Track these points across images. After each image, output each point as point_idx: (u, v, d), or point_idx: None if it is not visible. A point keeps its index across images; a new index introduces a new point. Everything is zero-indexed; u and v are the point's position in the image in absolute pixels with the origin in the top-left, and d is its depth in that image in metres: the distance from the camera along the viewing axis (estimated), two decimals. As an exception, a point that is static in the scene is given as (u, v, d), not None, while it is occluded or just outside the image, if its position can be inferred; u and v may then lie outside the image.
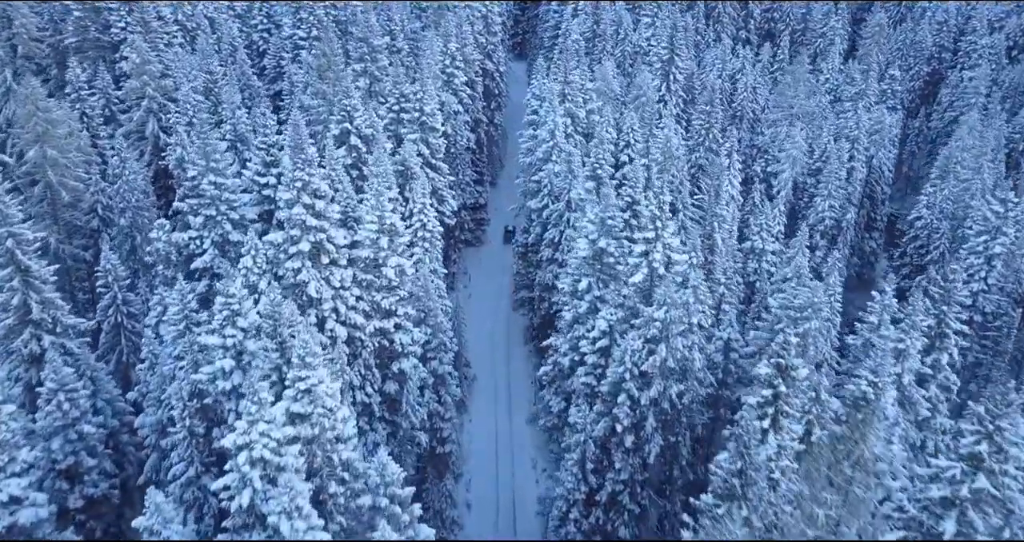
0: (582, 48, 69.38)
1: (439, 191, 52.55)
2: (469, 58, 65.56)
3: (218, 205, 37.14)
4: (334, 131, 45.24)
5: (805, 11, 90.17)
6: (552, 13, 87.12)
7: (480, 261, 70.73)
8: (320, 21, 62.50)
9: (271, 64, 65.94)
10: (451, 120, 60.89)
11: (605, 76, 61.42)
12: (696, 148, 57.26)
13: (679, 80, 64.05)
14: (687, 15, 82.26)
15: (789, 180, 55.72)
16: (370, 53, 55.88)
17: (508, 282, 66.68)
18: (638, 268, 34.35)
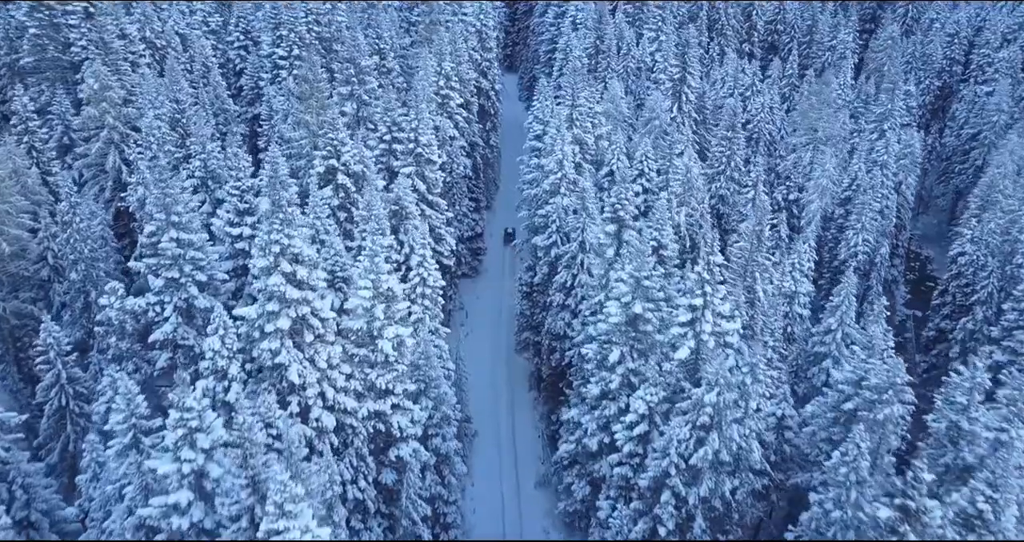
0: (584, 65, 63.42)
1: (436, 229, 46.38)
2: (464, 77, 59.42)
3: (181, 265, 30.77)
4: (319, 168, 38.96)
5: (811, 23, 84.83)
6: (548, 26, 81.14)
7: (477, 293, 64.62)
8: (302, 38, 56.09)
9: (248, 85, 59.45)
10: (447, 146, 54.74)
11: (614, 98, 55.50)
12: (716, 177, 51.49)
13: (691, 100, 58.29)
14: (690, 27, 76.66)
15: (818, 211, 50.11)
16: (357, 75, 49.67)
17: (508, 317, 60.68)
18: (683, 340, 28.42)
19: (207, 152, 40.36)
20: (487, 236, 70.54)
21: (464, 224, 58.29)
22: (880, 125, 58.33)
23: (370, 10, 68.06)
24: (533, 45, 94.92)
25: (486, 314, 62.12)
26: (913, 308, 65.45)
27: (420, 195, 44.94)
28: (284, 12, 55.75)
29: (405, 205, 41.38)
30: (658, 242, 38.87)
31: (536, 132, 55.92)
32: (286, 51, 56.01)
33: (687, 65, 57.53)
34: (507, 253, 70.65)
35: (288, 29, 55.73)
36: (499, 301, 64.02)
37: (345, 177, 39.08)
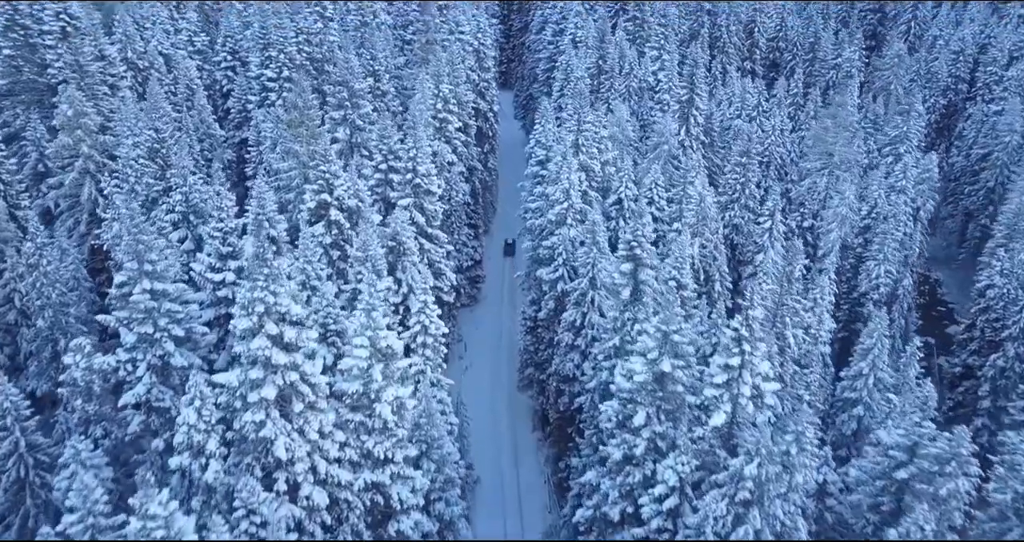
0: (587, 86, 60.37)
1: (436, 264, 43.03)
2: (462, 99, 56.25)
3: (156, 319, 27.26)
4: (310, 203, 35.56)
5: (813, 41, 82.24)
6: (546, 43, 78.16)
7: (476, 323, 61.23)
8: (292, 60, 52.79)
9: (236, 107, 56.05)
10: (445, 172, 51.49)
11: (620, 121, 52.42)
12: (730, 205, 48.40)
13: (699, 123, 55.28)
14: (695, 46, 73.87)
15: (837, 241, 47.06)
16: (351, 98, 46.39)
17: (509, 348, 57.39)
18: (718, 403, 25.14)
19: (188, 185, 36.92)
20: (486, 260, 67.32)
21: (463, 253, 54.97)
22: (896, 148, 55.48)
23: (363, 29, 64.99)
24: (530, 63, 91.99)
25: (486, 345, 58.77)
26: (925, 334, 62.54)
27: (419, 228, 41.61)
28: (273, 32, 52.47)
29: (403, 240, 38.05)
30: (677, 282, 35.68)
31: (539, 158, 52.75)
32: (275, 72, 52.68)
33: (695, 86, 54.55)
34: (507, 275, 67.65)
35: (278, 50, 52.42)
36: (499, 329, 60.77)
37: (338, 212, 35.70)
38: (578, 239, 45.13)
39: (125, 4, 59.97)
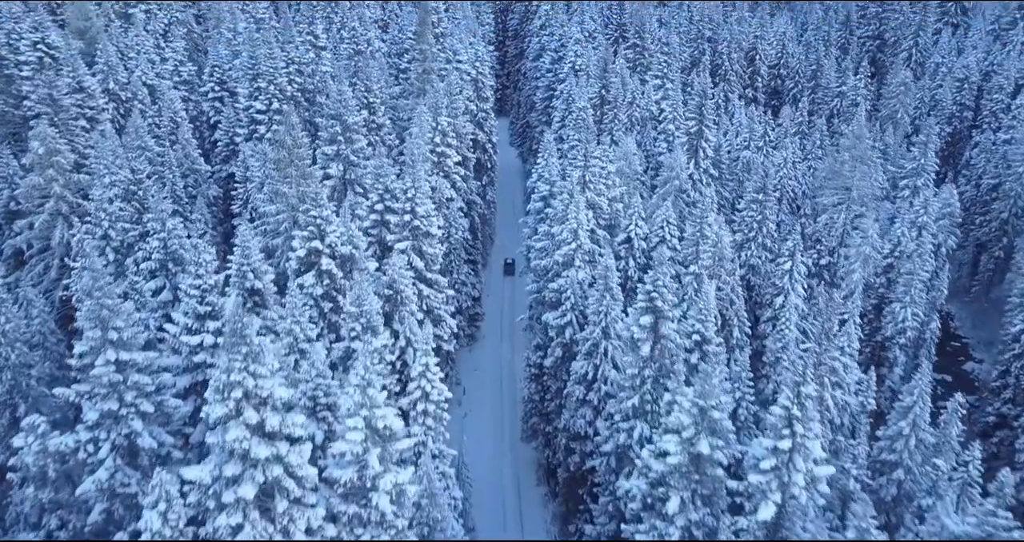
0: (589, 116, 57.37)
1: (435, 311, 39.52)
2: (461, 131, 53.12)
3: (122, 392, 23.62)
4: (299, 251, 32.04)
5: (815, 68, 79.85)
6: (544, 71, 75.31)
7: (476, 363, 57.68)
8: (282, 91, 49.54)
9: (223, 140, 52.63)
10: (444, 209, 48.19)
11: (627, 155, 49.35)
12: (746, 245, 45.21)
13: (709, 156, 52.27)
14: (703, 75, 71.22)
15: (860, 282, 43.91)
16: (344, 133, 43.17)
17: (511, 391, 53.92)
18: (764, 493, 21.64)
19: (167, 230, 33.38)
20: (484, 295, 63.90)
21: (462, 293, 51.49)
22: (912, 181, 52.59)
23: (357, 57, 61.98)
24: (526, 90, 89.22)
25: (486, 387, 55.17)
26: (941, 371, 59.31)
27: (417, 273, 38.16)
28: (263, 62, 49.27)
29: (400, 288, 34.61)
30: (702, 336, 32.30)
31: (541, 193, 49.56)
32: (264, 104, 49.41)
33: (703, 117, 51.58)
34: (506, 305, 64.63)
35: (267, 81, 49.19)
36: (499, 370, 57.23)
37: (330, 261, 32.19)
38: (587, 281, 41.86)
39: (109, 33, 56.73)
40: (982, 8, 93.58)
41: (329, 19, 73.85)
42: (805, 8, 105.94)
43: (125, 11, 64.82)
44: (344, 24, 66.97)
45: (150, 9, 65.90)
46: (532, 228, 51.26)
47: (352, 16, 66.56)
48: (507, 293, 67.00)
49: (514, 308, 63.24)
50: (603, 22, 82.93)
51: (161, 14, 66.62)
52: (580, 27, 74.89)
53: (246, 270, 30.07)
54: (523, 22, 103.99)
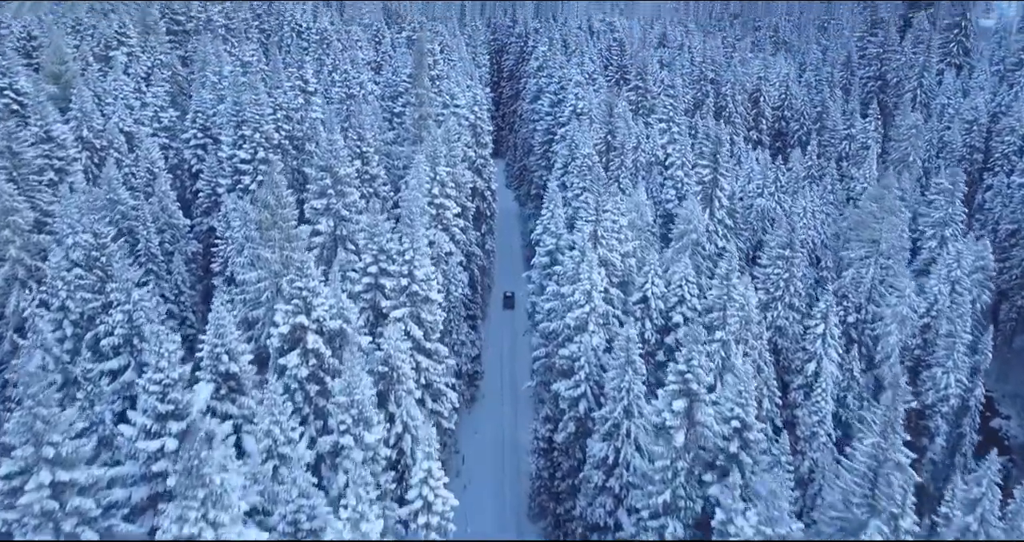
0: (598, 165, 53.89)
1: (434, 384, 35.19)
2: (460, 181, 49.38)
3: (59, 520, 19.12)
4: (282, 327, 27.78)
5: (820, 109, 77.10)
6: (543, 114, 72.08)
7: (476, 426, 53.00)
8: (269, 139, 45.72)
9: (205, 190, 48.61)
10: (442, 265, 44.16)
11: (639, 205, 45.69)
12: (772, 305, 41.29)
13: (724, 205, 48.65)
14: (702, 117, 68.25)
15: (896, 346, 40.00)
16: (335, 185, 39.28)
17: (513, 460, 49.27)
18: None
19: (133, 302, 29.14)
20: (484, 349, 59.56)
21: (462, 355, 47.18)
22: (940, 231, 49.07)
23: (349, 101, 58.49)
24: (523, 132, 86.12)
25: (487, 454, 50.46)
26: (968, 429, 55.14)
27: (415, 343, 33.90)
28: (248, 109, 45.52)
29: (397, 364, 30.33)
30: (742, 422, 28.07)
31: (547, 247, 45.71)
32: (249, 154, 45.51)
33: (719, 165, 48.07)
34: (506, 355, 60.82)
35: (252, 128, 45.38)
36: (501, 433, 52.60)
37: (317, 338, 27.95)
38: (602, 347, 37.76)
39: (86, 77, 53.02)
40: (983, 49, 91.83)
41: (320, 61, 70.71)
42: (803, 49, 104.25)
43: (106, 54, 61.28)
44: (336, 67, 63.68)
45: (132, 51, 62.39)
46: (538, 284, 47.27)
47: (344, 58, 63.30)
48: (507, 335, 63.63)
49: (515, 352, 60.10)
50: (602, 63, 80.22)
51: (144, 56, 63.14)
52: (580, 69, 71.95)
53: (220, 352, 25.84)
54: (519, 63, 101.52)
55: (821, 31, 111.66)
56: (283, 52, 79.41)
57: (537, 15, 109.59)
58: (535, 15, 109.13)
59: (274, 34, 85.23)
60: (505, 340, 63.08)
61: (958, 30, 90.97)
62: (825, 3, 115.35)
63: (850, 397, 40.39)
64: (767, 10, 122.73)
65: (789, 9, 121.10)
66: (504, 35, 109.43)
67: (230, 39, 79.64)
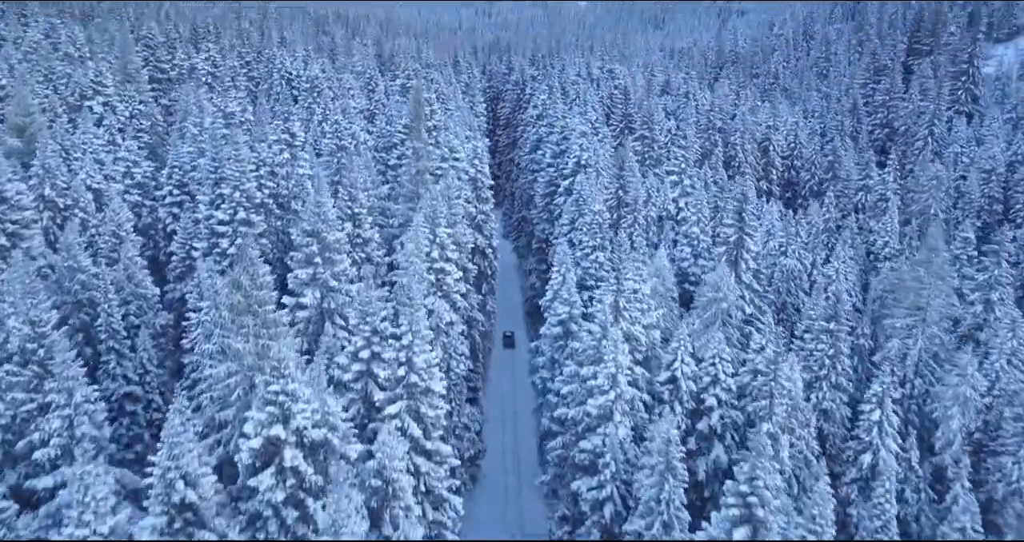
0: (605, 221, 49.36)
1: (435, 490, 29.68)
2: (461, 240, 44.58)
3: None
4: (253, 440, 22.40)
5: (832, 159, 73.35)
6: (545, 165, 67.81)
7: (479, 512, 47.06)
8: (250, 198, 40.86)
9: (179, 253, 43.58)
10: (442, 337, 39.00)
11: (661, 270, 40.99)
12: (815, 384, 36.27)
13: (751, 267, 43.95)
14: (711, 167, 64.20)
15: (959, 432, 34.98)
16: (323, 252, 34.35)
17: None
18: None
19: (74, 405, 23.77)
20: (487, 422, 54.00)
21: (464, 439, 41.69)
22: (986, 295, 44.48)
23: (340, 154, 53.86)
24: (522, 183, 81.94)
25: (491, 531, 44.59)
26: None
27: (414, 443, 28.50)
28: (227, 165, 40.73)
29: (392, 477, 24.93)
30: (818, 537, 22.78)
31: (559, 316, 40.71)
32: (228, 214, 40.56)
33: (744, 223, 43.50)
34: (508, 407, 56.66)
35: (232, 187, 40.52)
36: (504, 516, 46.77)
37: (296, 453, 22.59)
38: (628, 439, 32.50)
39: (53, 130, 48.28)
40: (994, 96, 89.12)
41: (311, 110, 66.55)
42: (804, 96, 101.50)
43: (80, 104, 56.74)
44: (326, 116, 59.36)
45: (109, 101, 57.90)
46: (548, 357, 42.13)
47: (335, 108, 59.03)
48: (507, 381, 59.68)
49: (516, 400, 56.48)
50: (604, 112, 76.49)
51: (122, 106, 58.61)
52: (582, 118, 68.03)
53: (173, 477, 20.44)
54: (515, 110, 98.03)
55: (820, 78, 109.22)
56: (272, 101, 75.42)
57: (534, 62, 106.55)
58: (531, 62, 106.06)
59: (263, 82, 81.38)
60: (505, 383, 59.75)
61: (966, 78, 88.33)
62: (822, 49, 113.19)
63: (908, 491, 35.12)
64: (764, 57, 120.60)
65: (786, 56, 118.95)
66: (500, 82, 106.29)
67: (216, 87, 75.58)
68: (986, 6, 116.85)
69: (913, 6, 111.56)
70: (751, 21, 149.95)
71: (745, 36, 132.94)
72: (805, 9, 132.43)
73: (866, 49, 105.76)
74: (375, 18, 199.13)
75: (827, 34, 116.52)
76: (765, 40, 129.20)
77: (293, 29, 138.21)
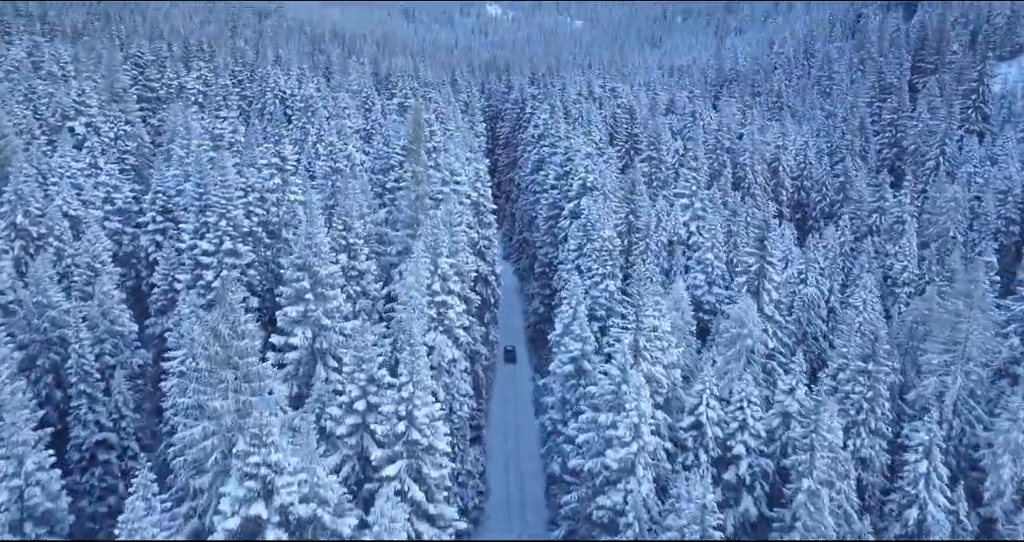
0: (616, 247, 46.33)
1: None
2: (464, 270, 41.43)
3: None
4: (230, 520, 19.06)
5: (843, 180, 70.71)
6: (548, 187, 64.89)
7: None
8: (237, 226, 37.69)
9: (162, 285, 40.29)
10: (444, 377, 35.73)
11: (679, 303, 37.89)
12: (852, 430, 33.05)
13: (773, 299, 40.86)
14: (719, 189, 61.36)
15: (1010, 482, 31.82)
16: (315, 288, 31.19)
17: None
18: None
19: (24, 475, 20.41)
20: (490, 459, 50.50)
21: (468, 487, 38.27)
22: (1021, 327, 41.47)
23: (335, 176, 50.88)
24: (523, 205, 79.03)
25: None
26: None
27: (415, 507, 25.16)
28: (213, 191, 37.64)
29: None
30: None
31: (571, 353, 37.49)
32: (213, 244, 37.37)
33: (766, 252, 40.48)
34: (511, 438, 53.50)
35: (218, 214, 37.38)
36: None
37: (279, 534, 19.23)
38: (651, 494, 29.19)
39: (29, 153, 45.13)
40: (1001, 114, 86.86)
41: (305, 130, 63.62)
42: (807, 114, 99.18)
43: (61, 124, 53.66)
44: (321, 137, 56.39)
45: (92, 122, 54.87)
46: (559, 397, 38.84)
47: (330, 128, 56.08)
48: (511, 410, 56.31)
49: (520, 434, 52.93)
50: (608, 132, 73.76)
51: (106, 127, 55.56)
52: (587, 139, 65.27)
53: (133, 571, 17.03)
54: (515, 130, 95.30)
55: (823, 96, 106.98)
56: (265, 121, 72.52)
57: (533, 81, 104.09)
58: (531, 81, 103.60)
59: (257, 101, 78.55)
60: (508, 412, 56.45)
61: (976, 96, 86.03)
62: (825, 68, 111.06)
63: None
64: (765, 75, 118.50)
65: (788, 74, 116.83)
66: (499, 101, 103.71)
67: (207, 107, 72.67)
68: (988, 24, 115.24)
69: (915, 25, 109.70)
70: (750, 39, 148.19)
71: (745, 54, 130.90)
72: (805, 27, 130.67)
73: (870, 68, 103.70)
74: (372, 36, 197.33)
75: (828, 52, 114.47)
76: (765, 58, 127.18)
77: (289, 47, 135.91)
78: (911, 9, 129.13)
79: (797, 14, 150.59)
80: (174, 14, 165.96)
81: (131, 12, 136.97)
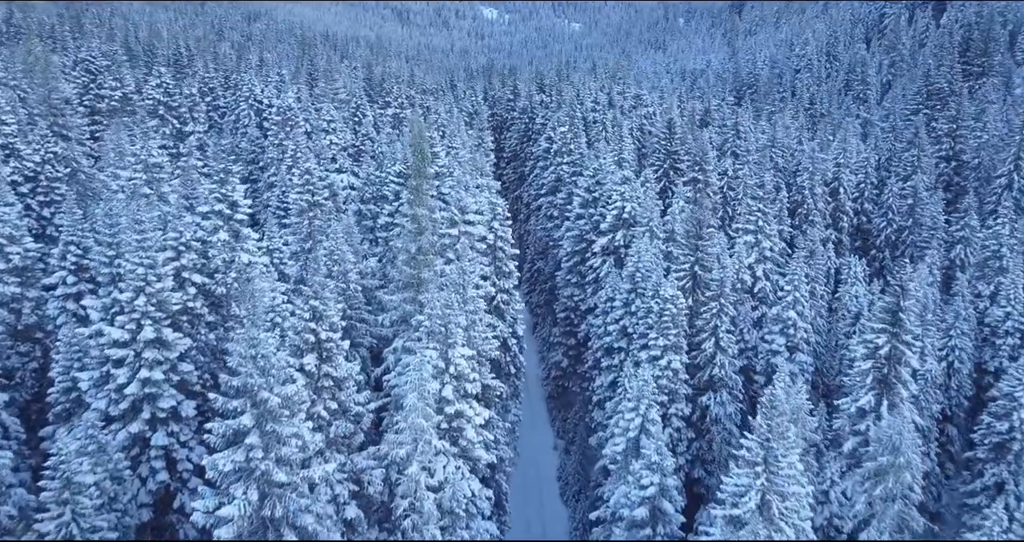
0: (681, 310, 34.19)
1: None
2: (484, 348, 29.24)
3: None
4: None
5: (912, 202, 58.81)
6: (575, 218, 52.73)
7: None
8: (162, 304, 25.32)
9: (62, 381, 27.81)
10: (460, 525, 23.56)
11: (798, 410, 25.77)
12: None
13: (912, 392, 28.84)
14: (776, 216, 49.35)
15: None
16: (261, 423, 18.95)
17: None
18: None
19: None
20: None
21: None
22: None
23: (313, 211, 38.59)
24: (538, 231, 67.05)
25: None
26: None
27: None
28: (129, 256, 25.27)
29: None
30: None
31: (646, 490, 25.33)
32: (128, 332, 25.03)
33: (902, 329, 28.32)
34: None
35: (135, 288, 25.01)
36: None
37: None
38: None
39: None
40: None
41: (282, 148, 51.27)
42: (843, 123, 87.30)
43: (-35, 148, 41.10)
44: (296, 160, 44.08)
45: (9, 143, 42.45)
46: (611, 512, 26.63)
47: (307, 151, 43.73)
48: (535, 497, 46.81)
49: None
50: (637, 148, 61.59)
51: (29, 150, 43.09)
52: (617, 157, 53.14)
53: None
54: (523, 142, 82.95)
55: (859, 102, 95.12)
56: (238, 135, 60.15)
57: (542, 87, 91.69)
58: (539, 88, 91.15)
59: (230, 113, 66.09)
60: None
61: (1045, 103, 73.98)
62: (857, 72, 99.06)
63: None
64: (789, 80, 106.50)
65: (816, 78, 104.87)
66: (504, 110, 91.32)
67: (169, 119, 60.21)
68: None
69: (957, 25, 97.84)
70: (763, 41, 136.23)
71: (764, 57, 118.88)
72: (827, 28, 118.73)
73: (912, 72, 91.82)
74: (365, 40, 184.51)
75: (858, 55, 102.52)
76: (785, 61, 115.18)
77: (277, 51, 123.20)
78: (940, 8, 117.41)
79: (813, 14, 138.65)
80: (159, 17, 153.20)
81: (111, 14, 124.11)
